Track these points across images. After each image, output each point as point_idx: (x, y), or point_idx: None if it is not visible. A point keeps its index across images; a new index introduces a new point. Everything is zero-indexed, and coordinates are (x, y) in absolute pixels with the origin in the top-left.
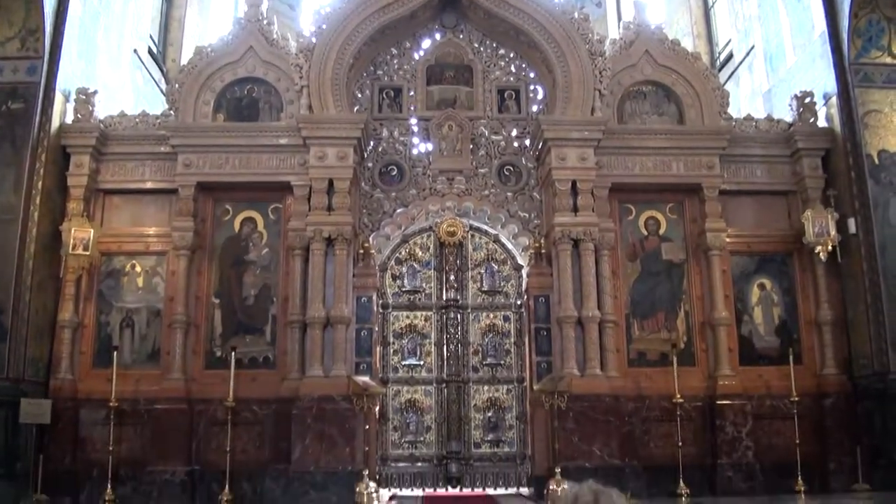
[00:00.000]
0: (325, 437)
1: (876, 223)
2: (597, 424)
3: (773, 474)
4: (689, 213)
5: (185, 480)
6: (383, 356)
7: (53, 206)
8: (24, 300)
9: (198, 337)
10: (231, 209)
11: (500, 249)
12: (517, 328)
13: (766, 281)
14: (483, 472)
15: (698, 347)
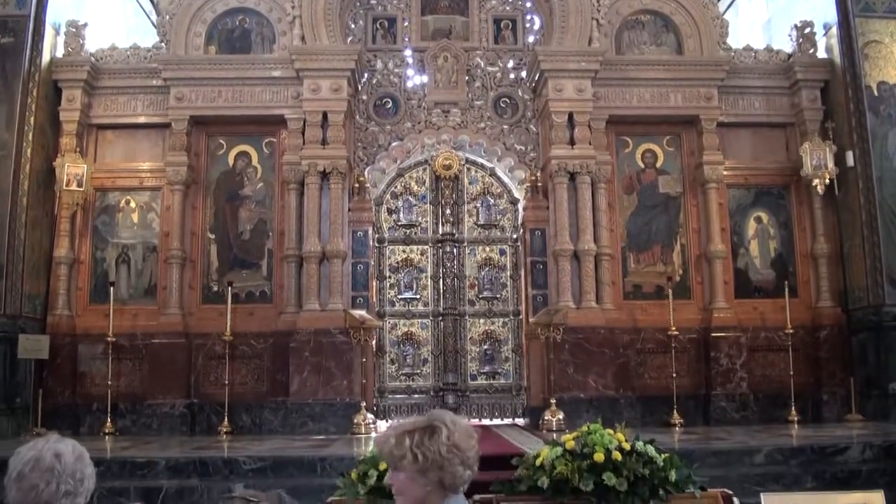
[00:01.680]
0: (322, 369)
1: (874, 156)
2: (592, 356)
3: (767, 405)
4: (687, 146)
5: (185, 413)
6: (380, 290)
7: (46, 142)
8: (19, 237)
9: (194, 272)
10: (225, 143)
11: (496, 183)
12: (513, 262)
13: (763, 214)
14: (479, 403)
15: (694, 280)
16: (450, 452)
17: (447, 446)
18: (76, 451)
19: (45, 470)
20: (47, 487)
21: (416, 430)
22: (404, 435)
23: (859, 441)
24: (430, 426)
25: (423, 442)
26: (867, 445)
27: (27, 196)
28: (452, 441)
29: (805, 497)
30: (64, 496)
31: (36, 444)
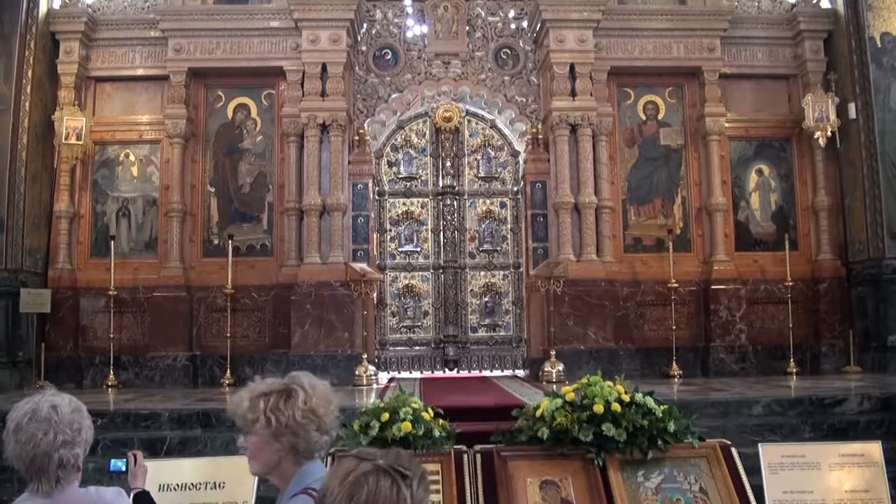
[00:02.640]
0: (323, 322)
1: (876, 108)
2: (592, 308)
3: (766, 357)
4: (689, 98)
5: (187, 365)
6: (380, 243)
7: (45, 96)
8: (19, 191)
9: (194, 225)
10: (224, 96)
11: (496, 135)
12: (514, 214)
13: (764, 166)
14: (480, 355)
15: (694, 233)
16: (305, 417)
17: (303, 411)
18: (73, 403)
19: (41, 421)
20: (45, 437)
21: (272, 392)
22: (259, 397)
23: (857, 392)
24: (287, 389)
25: (279, 405)
26: (865, 397)
27: (26, 150)
28: (309, 406)
29: (802, 447)
30: (62, 446)
31: (33, 397)
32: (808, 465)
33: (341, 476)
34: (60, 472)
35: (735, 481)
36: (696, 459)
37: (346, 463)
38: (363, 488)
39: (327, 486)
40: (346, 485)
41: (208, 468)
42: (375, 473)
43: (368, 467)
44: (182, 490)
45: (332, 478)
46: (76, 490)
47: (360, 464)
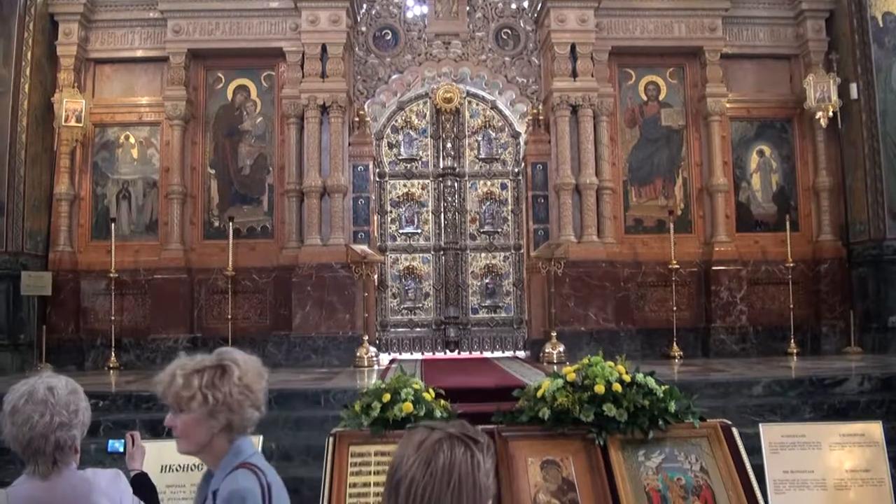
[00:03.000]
0: (324, 304)
1: (878, 88)
2: (593, 289)
3: (766, 337)
4: (690, 78)
5: (189, 347)
6: (381, 225)
7: (44, 78)
8: (19, 174)
9: (195, 207)
10: (223, 77)
11: (497, 116)
12: (514, 196)
13: (766, 147)
14: (480, 336)
15: (695, 214)
16: (241, 394)
17: (239, 387)
18: (69, 385)
19: (38, 402)
20: (41, 419)
21: (205, 369)
22: (193, 374)
23: (858, 373)
24: (221, 366)
25: (214, 382)
26: (865, 377)
27: (26, 132)
28: (244, 382)
29: (803, 427)
30: (58, 428)
31: (29, 379)
32: (809, 445)
33: (416, 444)
34: (57, 454)
35: (736, 461)
36: (697, 439)
37: (418, 433)
38: (439, 455)
39: (402, 455)
40: (422, 452)
41: None
42: (449, 440)
43: (441, 435)
44: (184, 471)
45: (407, 447)
46: (73, 472)
47: (432, 433)
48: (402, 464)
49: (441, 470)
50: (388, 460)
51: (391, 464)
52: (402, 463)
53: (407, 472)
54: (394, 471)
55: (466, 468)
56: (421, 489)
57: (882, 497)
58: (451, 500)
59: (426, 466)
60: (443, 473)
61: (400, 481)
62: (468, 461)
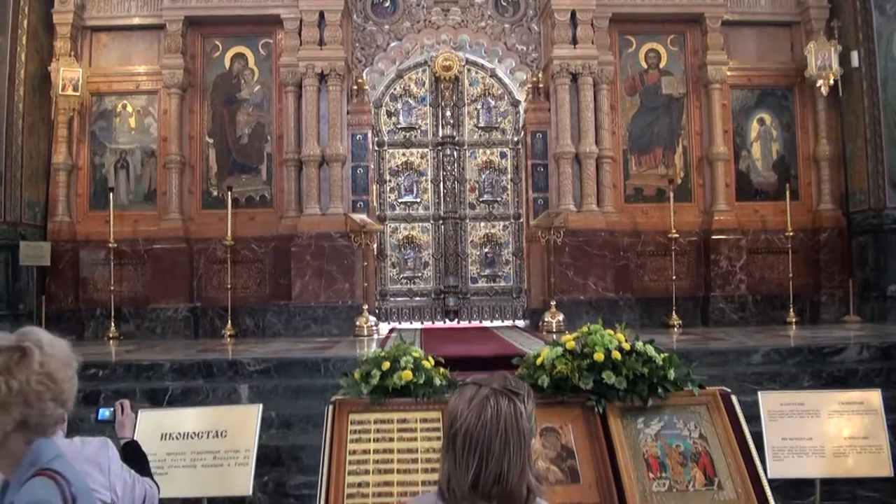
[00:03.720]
0: (324, 273)
1: (879, 56)
2: (592, 259)
3: (766, 306)
4: (691, 46)
5: (188, 317)
6: (380, 194)
7: (41, 47)
8: (16, 143)
9: (193, 177)
10: (220, 45)
11: (497, 84)
12: (514, 164)
13: (766, 116)
14: (480, 305)
15: (695, 183)
16: (41, 384)
17: (39, 376)
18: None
19: None
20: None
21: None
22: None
23: (856, 342)
24: (20, 348)
25: (10, 367)
26: (864, 346)
27: (23, 102)
28: (46, 370)
29: (802, 395)
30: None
31: None
32: (808, 413)
33: (468, 400)
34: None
35: (735, 428)
36: (696, 407)
37: (468, 390)
38: (487, 408)
39: (456, 410)
40: (473, 406)
41: (210, 417)
42: (494, 395)
43: (488, 391)
44: (184, 439)
45: (459, 402)
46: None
47: (480, 389)
48: (457, 417)
49: (490, 420)
50: (388, 427)
51: (447, 418)
52: (456, 416)
53: (462, 423)
54: (450, 423)
55: (510, 417)
56: (474, 437)
57: (880, 464)
58: (499, 444)
59: (478, 418)
60: (491, 422)
61: (456, 433)
62: (511, 411)
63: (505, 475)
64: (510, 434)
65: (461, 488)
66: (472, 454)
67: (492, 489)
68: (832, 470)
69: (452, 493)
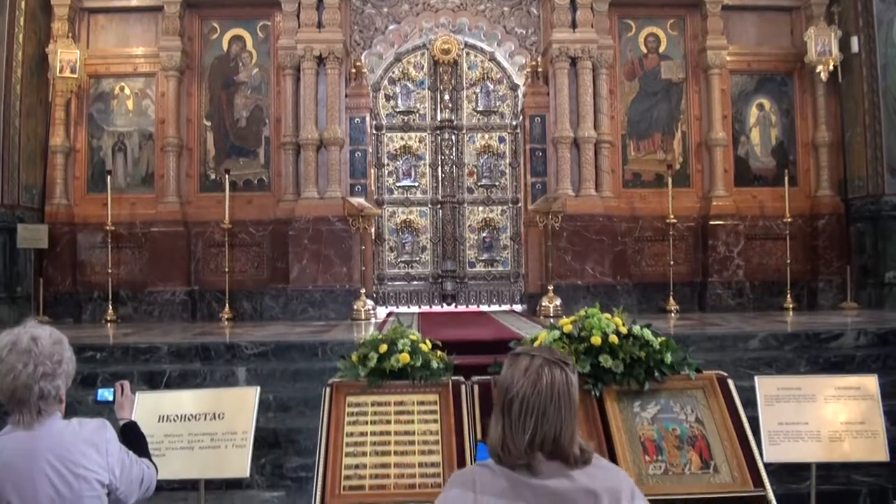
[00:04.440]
0: (321, 257)
1: (879, 42)
2: (590, 244)
3: (763, 292)
4: (690, 30)
5: (186, 300)
6: (378, 178)
7: (38, 29)
8: (13, 125)
9: (191, 160)
10: (218, 27)
11: (495, 68)
12: (512, 149)
13: (765, 101)
14: (477, 290)
15: (694, 168)
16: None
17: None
18: (54, 335)
19: (21, 352)
20: (24, 369)
21: None
22: None
23: (854, 328)
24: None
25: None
26: (862, 332)
27: (20, 84)
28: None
29: (798, 379)
30: (42, 378)
31: (13, 329)
32: (804, 398)
33: (523, 370)
34: (41, 403)
35: (731, 412)
36: (693, 391)
37: (522, 360)
38: (542, 376)
39: (511, 378)
40: (529, 375)
41: (208, 399)
42: (548, 364)
43: (541, 360)
44: (182, 421)
45: (514, 372)
46: (58, 422)
47: (533, 359)
48: (513, 385)
49: (545, 387)
50: (385, 410)
51: (501, 386)
52: (512, 384)
53: (518, 391)
54: (505, 391)
55: (562, 384)
56: (530, 403)
57: (876, 449)
58: (553, 409)
59: (533, 386)
60: (546, 389)
61: (513, 399)
62: (563, 378)
63: (558, 437)
64: (562, 400)
65: (517, 448)
66: (528, 418)
67: (546, 447)
68: (828, 454)
69: (507, 452)
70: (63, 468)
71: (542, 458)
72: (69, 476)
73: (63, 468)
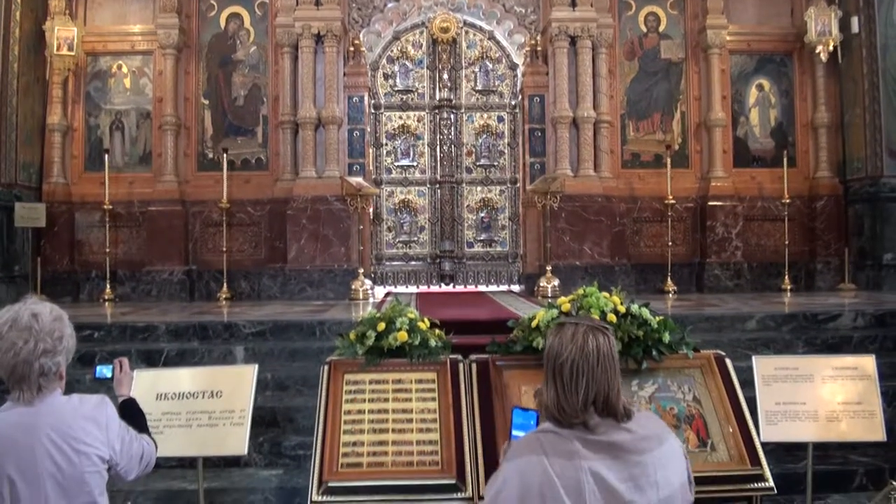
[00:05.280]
0: (319, 236)
1: (879, 22)
2: (588, 224)
3: (761, 273)
4: (690, 9)
5: (184, 279)
6: (376, 157)
7: (35, 6)
8: (10, 104)
9: (189, 139)
10: (216, 4)
11: (494, 47)
12: (511, 129)
13: (765, 82)
14: (475, 270)
15: (693, 149)
16: None
17: None
18: (54, 312)
19: (22, 329)
20: (25, 346)
21: None
22: None
23: (851, 309)
24: None
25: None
26: (859, 313)
27: (18, 61)
28: None
29: (796, 359)
30: (42, 354)
31: (13, 306)
32: (801, 378)
33: (570, 336)
34: (42, 380)
35: (729, 391)
36: (690, 370)
37: (567, 328)
38: (588, 341)
39: (560, 345)
40: (576, 340)
41: (206, 378)
42: (592, 331)
43: (584, 328)
44: (180, 399)
45: (562, 339)
46: (58, 398)
47: (577, 327)
48: (563, 351)
49: (592, 351)
50: (383, 388)
51: (549, 353)
52: (561, 350)
53: (568, 356)
54: (555, 356)
55: (606, 348)
56: (580, 366)
57: (873, 429)
58: (600, 370)
59: (581, 350)
60: (593, 353)
61: (563, 363)
62: (607, 343)
63: (608, 394)
64: (608, 361)
65: (572, 407)
66: (580, 379)
67: (599, 405)
68: (825, 434)
69: (562, 412)
70: (64, 443)
71: (594, 415)
72: (70, 451)
73: (64, 443)
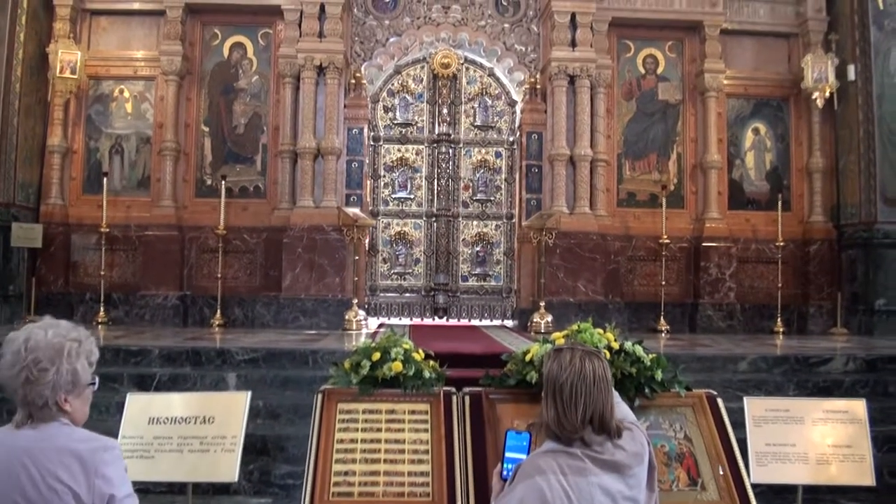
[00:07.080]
0: (315, 266)
1: (875, 71)
2: (583, 261)
3: (753, 315)
4: (689, 53)
5: (178, 305)
6: (374, 189)
7: (40, 28)
8: (12, 124)
9: (188, 165)
10: (220, 34)
11: (494, 83)
12: (508, 164)
13: (761, 126)
14: (469, 304)
15: (688, 190)
16: None
17: None
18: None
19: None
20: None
21: None
22: None
23: (843, 353)
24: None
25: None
26: (851, 357)
27: (20, 82)
28: None
29: (787, 402)
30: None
31: (28, 325)
32: (792, 420)
33: (567, 360)
34: (31, 408)
35: (720, 431)
36: (682, 408)
37: (565, 353)
38: (585, 365)
39: (558, 369)
40: (573, 364)
41: (198, 403)
42: (588, 355)
43: (580, 353)
44: (172, 423)
45: (560, 362)
46: (55, 428)
47: (573, 351)
48: (562, 373)
49: (588, 373)
50: (376, 418)
51: (549, 375)
52: (560, 372)
53: (567, 377)
54: (555, 378)
55: (601, 370)
56: (577, 387)
57: (863, 473)
58: (596, 390)
59: (579, 373)
60: (589, 375)
61: (563, 384)
62: (601, 366)
63: (602, 413)
64: (602, 382)
65: (572, 424)
66: (579, 399)
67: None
68: (815, 477)
69: (562, 428)
70: (37, 473)
71: (591, 432)
72: (41, 484)
73: (37, 473)
